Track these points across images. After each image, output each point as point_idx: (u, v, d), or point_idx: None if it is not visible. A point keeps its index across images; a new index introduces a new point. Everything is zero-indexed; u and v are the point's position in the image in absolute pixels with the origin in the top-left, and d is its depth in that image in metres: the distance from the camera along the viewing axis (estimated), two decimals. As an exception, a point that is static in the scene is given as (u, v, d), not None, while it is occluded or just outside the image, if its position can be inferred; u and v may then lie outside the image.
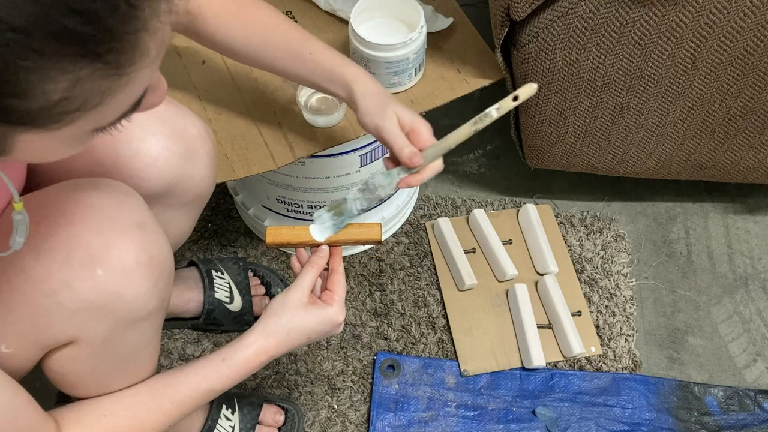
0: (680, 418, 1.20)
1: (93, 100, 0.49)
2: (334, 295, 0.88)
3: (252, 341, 0.85)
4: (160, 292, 0.77)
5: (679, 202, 1.45)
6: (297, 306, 0.86)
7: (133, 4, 0.46)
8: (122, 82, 0.49)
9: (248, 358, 0.84)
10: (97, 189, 0.75)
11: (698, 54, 1.07)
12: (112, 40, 0.46)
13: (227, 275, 1.24)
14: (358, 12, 1.08)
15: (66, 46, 0.45)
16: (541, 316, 1.28)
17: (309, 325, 0.86)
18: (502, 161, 1.50)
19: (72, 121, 0.49)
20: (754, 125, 1.19)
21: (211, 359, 0.85)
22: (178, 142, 0.88)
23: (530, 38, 1.08)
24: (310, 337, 0.87)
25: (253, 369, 0.85)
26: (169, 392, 0.83)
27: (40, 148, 0.53)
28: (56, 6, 0.43)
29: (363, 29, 1.06)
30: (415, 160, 0.85)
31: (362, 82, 0.90)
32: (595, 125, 1.22)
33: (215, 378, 0.84)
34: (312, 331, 0.86)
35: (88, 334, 0.74)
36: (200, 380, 0.84)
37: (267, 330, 0.85)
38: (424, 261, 1.35)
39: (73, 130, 0.51)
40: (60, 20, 0.44)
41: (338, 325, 0.88)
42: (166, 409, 0.82)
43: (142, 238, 0.74)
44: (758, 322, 1.31)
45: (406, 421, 1.19)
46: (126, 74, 0.49)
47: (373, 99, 0.89)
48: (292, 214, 1.26)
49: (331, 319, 0.87)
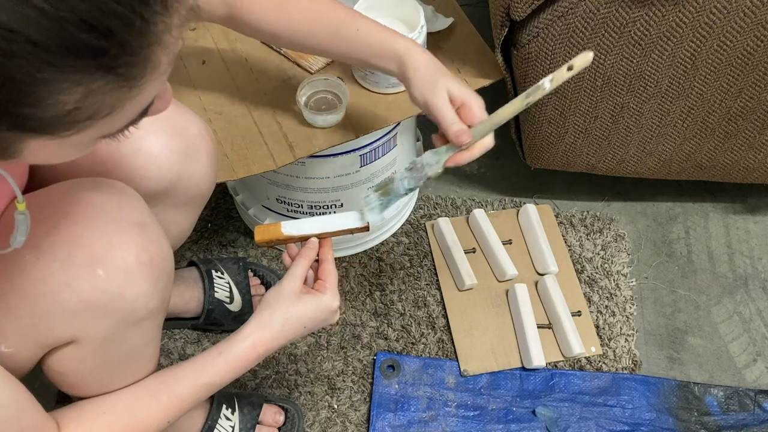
0: (680, 418, 1.20)
1: (104, 111, 0.50)
2: (326, 284, 0.87)
3: (248, 333, 0.85)
4: (161, 291, 0.77)
5: (679, 202, 1.45)
6: (290, 296, 0.85)
7: (147, 20, 0.47)
8: (133, 93, 0.50)
9: (245, 350, 0.84)
10: (99, 189, 0.75)
11: (698, 54, 1.07)
12: (125, 54, 0.47)
13: (227, 275, 1.24)
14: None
15: (81, 59, 0.46)
16: (541, 316, 1.28)
17: (304, 314, 0.86)
18: (502, 161, 1.50)
19: (82, 129, 0.50)
20: (754, 125, 1.19)
21: (208, 353, 0.84)
22: (179, 141, 0.88)
23: (530, 38, 1.08)
24: (306, 327, 0.87)
25: (250, 362, 0.85)
26: (167, 388, 0.83)
27: (48, 153, 0.54)
28: (73, 21, 0.44)
29: (363, 29, 1.06)
30: (463, 138, 0.83)
31: (414, 55, 0.87)
32: (595, 125, 1.22)
33: (213, 372, 0.84)
34: (308, 320, 0.86)
35: (89, 333, 0.74)
36: (198, 375, 0.83)
37: (262, 322, 0.85)
38: (424, 261, 1.35)
39: (81, 137, 0.52)
40: (76, 35, 0.45)
41: (333, 311, 0.88)
42: (165, 404, 0.82)
43: (143, 238, 0.74)
44: (758, 322, 1.31)
45: (406, 421, 1.19)
46: (137, 86, 0.50)
47: (424, 72, 0.86)
48: (292, 214, 1.26)
49: (325, 306, 0.87)
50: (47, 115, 0.48)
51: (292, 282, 0.86)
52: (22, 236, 0.65)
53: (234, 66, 1.12)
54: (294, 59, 1.14)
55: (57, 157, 0.56)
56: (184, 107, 0.92)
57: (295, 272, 0.87)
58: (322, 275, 0.89)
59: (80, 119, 0.49)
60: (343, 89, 1.08)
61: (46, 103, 0.47)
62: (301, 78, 1.10)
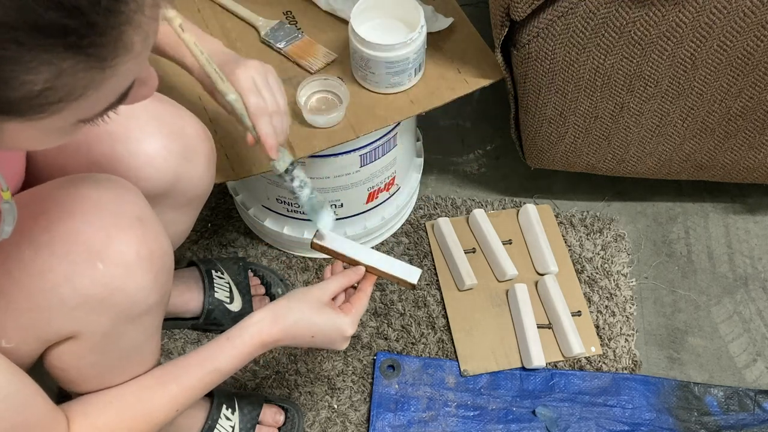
0: (680, 418, 1.20)
1: (76, 92, 0.49)
2: (352, 308, 0.88)
3: (258, 319, 0.85)
4: (161, 286, 0.77)
5: (679, 202, 1.45)
6: (313, 301, 0.86)
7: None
8: (106, 74, 0.49)
9: (252, 336, 0.84)
10: (97, 183, 0.75)
11: (698, 54, 1.07)
12: (93, 34, 0.46)
13: (227, 275, 1.24)
14: (358, 12, 1.08)
15: (48, 38, 0.45)
16: (541, 316, 1.28)
17: (317, 324, 0.86)
18: (502, 161, 1.50)
19: (55, 112, 0.49)
20: (754, 125, 1.19)
21: (216, 339, 0.85)
22: (176, 142, 0.88)
23: (530, 38, 1.08)
24: (314, 337, 0.87)
25: (255, 349, 0.85)
26: (174, 376, 0.83)
27: (26, 138, 0.53)
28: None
29: (363, 29, 1.06)
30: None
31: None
32: (595, 125, 1.22)
33: (220, 357, 0.84)
34: (319, 331, 0.87)
35: (89, 328, 0.74)
36: (204, 360, 0.83)
37: (276, 313, 0.85)
38: (424, 261, 1.35)
39: (57, 121, 0.51)
40: (43, 13, 0.44)
41: (345, 338, 0.89)
42: (174, 392, 0.82)
43: (143, 232, 0.74)
44: (758, 322, 1.31)
45: (406, 421, 1.19)
46: (109, 67, 0.49)
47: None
48: (292, 214, 1.26)
49: (340, 328, 0.87)
50: (16, 96, 0.47)
51: (321, 291, 0.87)
52: (8, 226, 0.64)
53: (234, 66, 1.12)
54: (294, 59, 1.14)
55: (37, 143, 0.55)
56: (182, 108, 0.92)
57: (329, 285, 0.88)
58: (354, 301, 0.90)
59: (52, 101, 0.48)
60: (343, 89, 1.08)
61: (14, 84, 0.46)
62: (301, 78, 1.10)
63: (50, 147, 0.56)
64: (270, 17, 1.19)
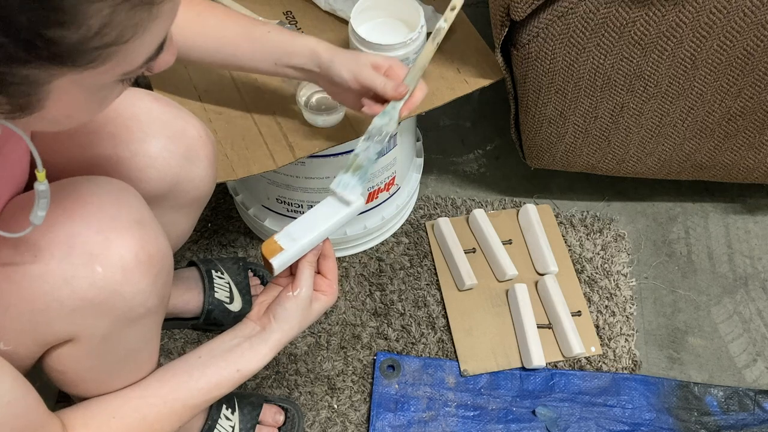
0: (680, 418, 1.20)
1: (126, 34, 0.50)
2: (333, 284, 0.87)
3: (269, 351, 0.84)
4: (160, 289, 0.76)
5: (679, 202, 1.45)
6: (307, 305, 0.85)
7: None
8: (153, 14, 0.51)
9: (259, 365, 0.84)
10: (96, 186, 0.75)
11: (698, 54, 1.07)
12: None
13: (227, 275, 1.24)
14: (358, 12, 1.08)
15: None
16: (541, 316, 1.28)
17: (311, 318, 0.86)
18: (502, 161, 1.50)
19: (106, 59, 0.51)
20: (754, 125, 1.19)
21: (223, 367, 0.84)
22: (178, 144, 0.88)
23: (530, 38, 1.08)
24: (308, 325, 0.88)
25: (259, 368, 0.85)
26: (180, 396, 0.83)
27: (69, 103, 0.54)
28: None
29: (363, 29, 1.06)
30: (401, 90, 0.91)
31: (324, 46, 0.94)
32: (595, 125, 1.22)
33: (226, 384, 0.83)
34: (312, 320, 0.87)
35: (88, 331, 0.73)
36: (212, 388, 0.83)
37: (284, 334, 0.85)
38: (424, 261, 1.35)
39: (103, 75, 0.52)
40: None
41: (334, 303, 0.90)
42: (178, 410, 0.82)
43: (142, 235, 0.74)
44: (758, 322, 1.31)
45: (406, 421, 1.19)
46: (156, 4, 0.51)
47: (342, 54, 0.94)
48: (292, 214, 1.26)
49: (328, 306, 0.87)
50: (73, 38, 0.48)
51: (307, 289, 0.86)
52: (42, 211, 0.63)
53: (234, 66, 1.12)
54: (294, 59, 1.14)
55: (78, 110, 0.56)
56: (183, 109, 0.92)
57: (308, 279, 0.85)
58: (328, 273, 0.88)
59: (106, 43, 0.50)
60: (343, 89, 1.08)
61: (75, 22, 0.47)
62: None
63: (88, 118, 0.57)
64: (270, 17, 1.19)
